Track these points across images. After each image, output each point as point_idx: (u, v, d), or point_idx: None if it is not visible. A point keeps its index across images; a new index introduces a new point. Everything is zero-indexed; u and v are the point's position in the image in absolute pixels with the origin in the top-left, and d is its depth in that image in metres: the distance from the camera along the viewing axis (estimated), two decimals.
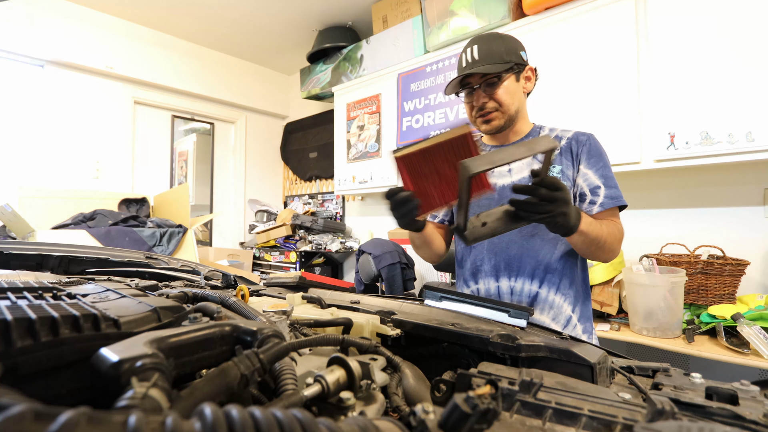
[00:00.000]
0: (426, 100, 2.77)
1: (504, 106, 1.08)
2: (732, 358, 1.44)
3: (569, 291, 1.06)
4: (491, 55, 1.05)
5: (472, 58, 1.06)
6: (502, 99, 1.07)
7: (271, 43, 3.81)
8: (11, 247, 1.06)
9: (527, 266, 1.06)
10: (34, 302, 0.33)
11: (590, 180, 1.05)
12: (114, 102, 3.34)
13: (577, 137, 1.09)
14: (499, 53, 1.05)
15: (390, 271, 2.71)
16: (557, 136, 1.11)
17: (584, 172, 1.06)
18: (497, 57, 1.05)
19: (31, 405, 0.15)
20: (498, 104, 1.07)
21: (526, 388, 0.30)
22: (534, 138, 0.81)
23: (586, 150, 1.07)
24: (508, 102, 1.08)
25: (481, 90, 1.07)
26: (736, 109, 1.63)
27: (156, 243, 2.60)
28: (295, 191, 4.49)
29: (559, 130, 1.13)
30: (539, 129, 1.15)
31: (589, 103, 2.02)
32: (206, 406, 0.18)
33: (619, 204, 1.03)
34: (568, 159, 1.08)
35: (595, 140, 1.09)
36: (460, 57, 1.10)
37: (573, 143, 1.08)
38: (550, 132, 1.14)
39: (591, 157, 1.06)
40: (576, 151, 1.07)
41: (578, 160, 1.07)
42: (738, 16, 1.63)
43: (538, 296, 1.05)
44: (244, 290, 0.68)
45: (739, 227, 1.90)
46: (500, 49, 1.06)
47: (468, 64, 1.06)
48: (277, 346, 0.33)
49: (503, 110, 1.08)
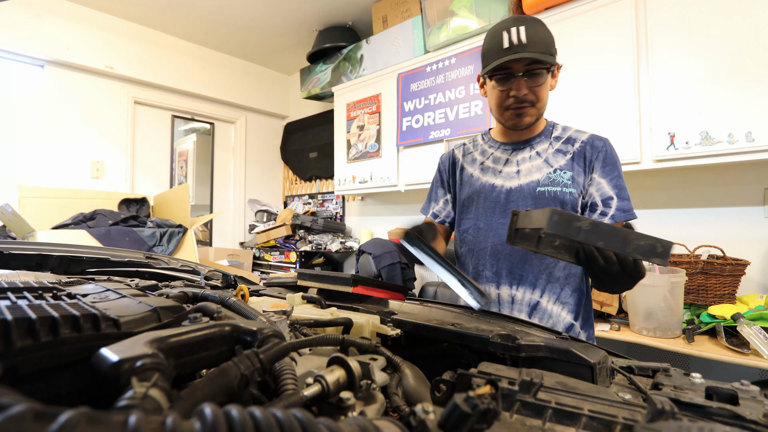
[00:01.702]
0: (426, 100, 2.77)
1: (541, 102, 1.00)
2: (732, 358, 1.44)
3: (570, 299, 1.03)
4: (540, 42, 0.94)
5: (518, 41, 0.93)
6: (541, 94, 0.99)
7: (271, 43, 3.81)
8: (11, 247, 1.06)
9: (529, 275, 1.02)
10: (34, 302, 0.33)
11: (603, 190, 1.00)
12: (114, 102, 3.34)
13: (593, 142, 1.03)
14: (547, 43, 0.95)
15: (390, 271, 2.71)
16: (570, 137, 1.06)
17: (597, 180, 1.01)
18: (546, 46, 0.95)
19: (31, 405, 0.15)
20: (536, 99, 0.99)
21: (526, 388, 0.30)
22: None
23: (601, 157, 1.01)
24: (545, 99, 1.01)
25: (523, 79, 0.96)
26: (736, 109, 1.63)
27: (156, 243, 2.60)
28: (295, 191, 4.49)
29: (572, 130, 1.08)
30: (552, 127, 1.10)
31: (589, 103, 2.02)
32: (206, 406, 0.18)
33: (629, 218, 0.99)
34: (580, 165, 1.02)
35: (611, 147, 1.03)
36: (498, 35, 0.96)
37: (587, 148, 1.02)
38: (563, 131, 1.08)
39: (606, 165, 1.00)
40: (590, 157, 1.02)
41: (591, 168, 1.02)
42: (738, 15, 1.63)
43: (538, 305, 1.02)
44: (244, 290, 0.68)
45: (739, 227, 1.90)
46: (548, 39, 0.96)
47: (514, 46, 0.93)
48: (277, 346, 0.33)
49: (539, 107, 1.01)
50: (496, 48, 0.96)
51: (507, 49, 0.94)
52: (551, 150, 1.06)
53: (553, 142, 1.07)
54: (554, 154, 1.05)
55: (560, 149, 1.05)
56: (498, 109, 1.05)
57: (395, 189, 3.00)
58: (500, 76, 0.99)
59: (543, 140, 1.08)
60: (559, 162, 1.04)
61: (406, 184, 2.91)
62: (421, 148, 2.81)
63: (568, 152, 1.04)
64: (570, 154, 1.04)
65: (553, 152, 1.05)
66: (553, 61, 0.96)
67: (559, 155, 1.05)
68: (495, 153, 1.13)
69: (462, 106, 2.57)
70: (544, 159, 1.05)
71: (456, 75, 2.60)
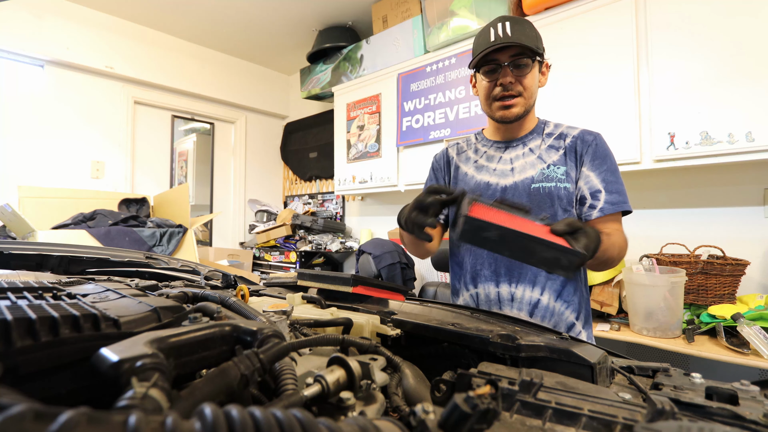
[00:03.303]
0: (426, 100, 2.77)
1: (528, 92, 1.02)
2: (732, 358, 1.44)
3: (573, 298, 1.03)
4: (525, 36, 0.98)
5: (504, 34, 0.97)
6: (528, 84, 1.01)
7: (271, 43, 3.81)
8: (11, 247, 1.06)
9: (528, 272, 1.02)
10: (34, 302, 0.33)
11: (591, 183, 1.01)
12: (114, 102, 3.34)
13: (583, 136, 1.04)
14: (531, 37, 0.99)
15: (390, 271, 2.71)
16: (562, 133, 1.07)
17: (586, 174, 1.02)
18: (531, 39, 0.98)
19: (31, 405, 0.15)
20: (523, 88, 1.01)
21: (526, 388, 0.30)
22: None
23: (591, 151, 1.02)
24: (532, 90, 1.02)
25: (509, 69, 0.99)
26: (736, 109, 1.63)
27: (156, 243, 2.60)
28: (295, 191, 4.49)
29: (564, 126, 1.09)
30: (543, 124, 1.11)
31: (588, 103, 2.02)
32: (206, 406, 0.18)
33: (620, 209, 0.99)
34: (572, 160, 1.04)
35: (602, 140, 1.05)
36: (485, 32, 1.01)
37: (578, 143, 1.04)
38: (555, 128, 1.09)
39: (595, 159, 1.02)
40: (580, 151, 1.03)
41: (581, 161, 1.03)
42: (738, 15, 1.63)
43: (539, 303, 1.02)
44: (244, 290, 0.68)
45: (739, 227, 1.90)
46: (532, 34, 1.00)
47: (499, 38, 0.97)
48: (277, 346, 0.33)
49: (526, 97, 1.02)
50: (483, 43, 1.00)
51: (492, 42, 0.98)
52: (544, 146, 1.07)
53: (545, 139, 1.08)
54: (547, 150, 1.06)
55: (552, 145, 1.06)
56: (486, 101, 1.06)
57: (395, 189, 3.00)
58: (487, 68, 1.02)
59: (535, 137, 1.09)
60: (552, 157, 1.05)
61: (406, 184, 2.91)
62: (421, 148, 2.81)
63: (561, 147, 1.05)
64: (562, 149, 1.05)
65: (546, 148, 1.06)
66: (538, 52, 0.99)
67: (551, 151, 1.06)
68: (488, 151, 1.13)
69: (462, 106, 2.57)
70: (537, 155, 1.06)
71: (456, 75, 2.60)
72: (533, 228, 0.61)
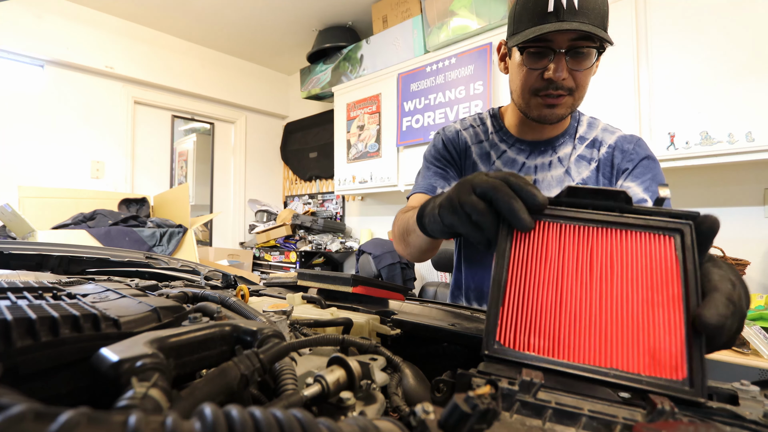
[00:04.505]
0: (426, 100, 2.77)
1: (580, 91, 0.80)
2: (732, 358, 1.44)
3: None
4: (596, 11, 0.71)
5: (568, 4, 0.70)
6: (583, 81, 0.78)
7: (271, 43, 3.82)
8: (11, 247, 1.06)
9: None
10: (34, 302, 0.33)
11: (633, 191, 0.84)
12: (114, 102, 3.34)
13: (622, 145, 0.87)
14: (602, 13, 0.73)
15: (390, 271, 2.71)
16: (596, 138, 0.91)
17: (626, 186, 0.85)
18: (602, 18, 0.72)
19: (31, 405, 0.15)
20: (575, 86, 0.78)
21: (526, 388, 0.30)
22: None
23: (631, 161, 0.87)
24: (586, 88, 0.81)
25: (565, 58, 0.74)
26: (736, 109, 1.64)
27: (156, 243, 2.60)
28: (295, 191, 4.49)
29: (599, 128, 0.91)
30: (577, 122, 0.94)
31: (588, 103, 2.01)
32: (206, 406, 0.18)
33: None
34: (606, 176, 0.87)
35: (643, 146, 0.88)
36: None
37: (615, 153, 0.87)
38: (589, 129, 0.92)
39: (636, 168, 0.86)
40: (618, 163, 0.87)
41: (619, 174, 0.87)
42: (738, 15, 1.63)
43: None
44: (244, 290, 0.68)
45: (739, 227, 1.90)
46: (605, 8, 0.74)
47: (561, 11, 0.70)
48: (277, 346, 0.33)
49: (576, 97, 0.81)
50: (537, 10, 0.72)
51: (551, 14, 0.71)
52: (574, 155, 0.90)
53: (577, 145, 0.91)
54: (577, 162, 0.90)
55: (584, 155, 0.90)
56: (523, 94, 0.82)
57: (395, 189, 3.00)
58: (535, 50, 0.75)
59: (567, 141, 0.92)
60: (582, 173, 0.89)
61: (406, 184, 2.91)
62: (421, 148, 2.81)
63: (593, 160, 0.89)
64: (595, 162, 0.89)
65: (576, 159, 0.90)
66: (609, 39, 0.73)
67: (582, 163, 0.89)
68: (508, 152, 0.93)
69: (462, 106, 2.57)
70: (565, 169, 0.90)
71: (456, 75, 2.60)
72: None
